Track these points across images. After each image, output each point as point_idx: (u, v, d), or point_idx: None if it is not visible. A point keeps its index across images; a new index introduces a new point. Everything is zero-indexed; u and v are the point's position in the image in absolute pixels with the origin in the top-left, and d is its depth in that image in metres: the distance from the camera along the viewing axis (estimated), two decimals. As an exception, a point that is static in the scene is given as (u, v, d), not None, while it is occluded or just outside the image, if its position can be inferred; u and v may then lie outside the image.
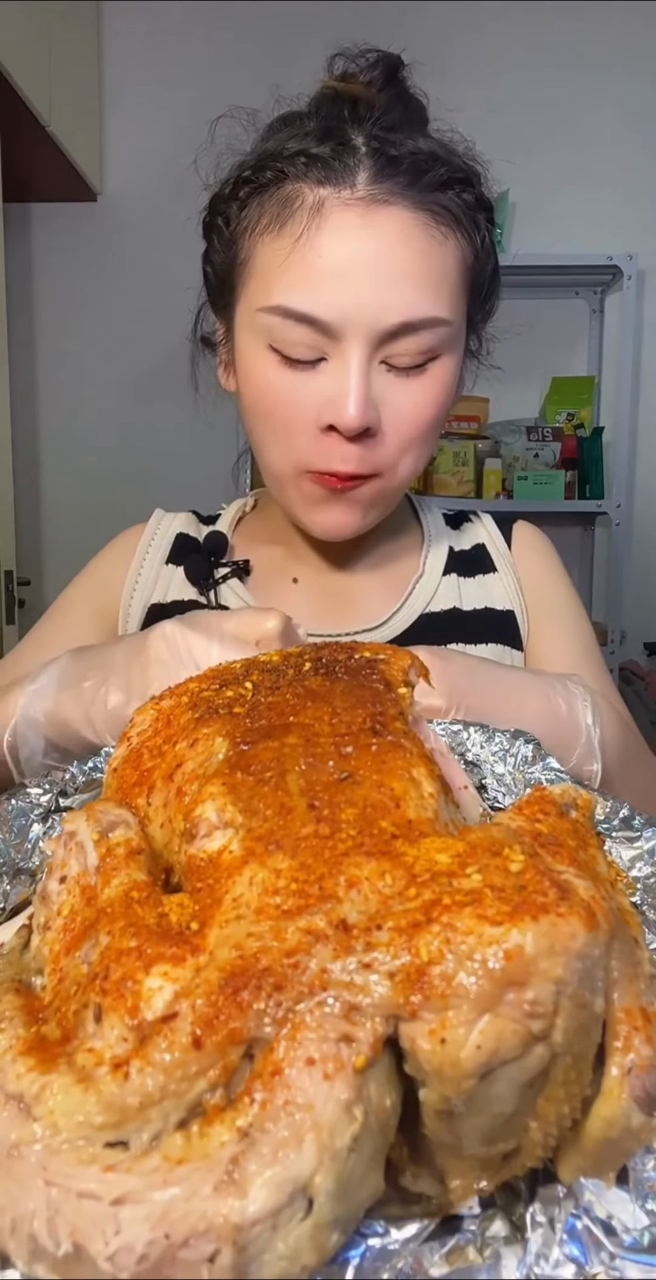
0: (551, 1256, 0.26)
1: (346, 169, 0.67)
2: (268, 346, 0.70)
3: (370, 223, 0.66)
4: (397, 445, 0.71)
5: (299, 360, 0.69)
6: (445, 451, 2.62)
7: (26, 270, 2.78)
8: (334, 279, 0.66)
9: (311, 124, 0.71)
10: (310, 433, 0.70)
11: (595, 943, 0.27)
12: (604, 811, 0.44)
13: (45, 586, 2.77)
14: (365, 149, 0.68)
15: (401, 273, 0.67)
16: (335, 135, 0.68)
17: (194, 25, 2.60)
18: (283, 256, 0.68)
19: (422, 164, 0.68)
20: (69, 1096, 0.25)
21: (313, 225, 0.67)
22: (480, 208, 0.72)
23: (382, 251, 0.66)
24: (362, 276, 0.66)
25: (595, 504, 2.62)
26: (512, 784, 0.48)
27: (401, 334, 0.68)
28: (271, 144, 0.71)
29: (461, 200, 0.70)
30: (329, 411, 0.68)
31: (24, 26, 2.10)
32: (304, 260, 0.67)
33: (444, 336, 0.70)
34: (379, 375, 0.69)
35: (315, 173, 0.68)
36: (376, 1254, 0.27)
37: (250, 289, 0.72)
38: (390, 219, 0.67)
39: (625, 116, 2.67)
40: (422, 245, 0.68)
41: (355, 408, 0.67)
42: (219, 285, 0.77)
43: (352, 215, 0.67)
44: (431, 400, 0.71)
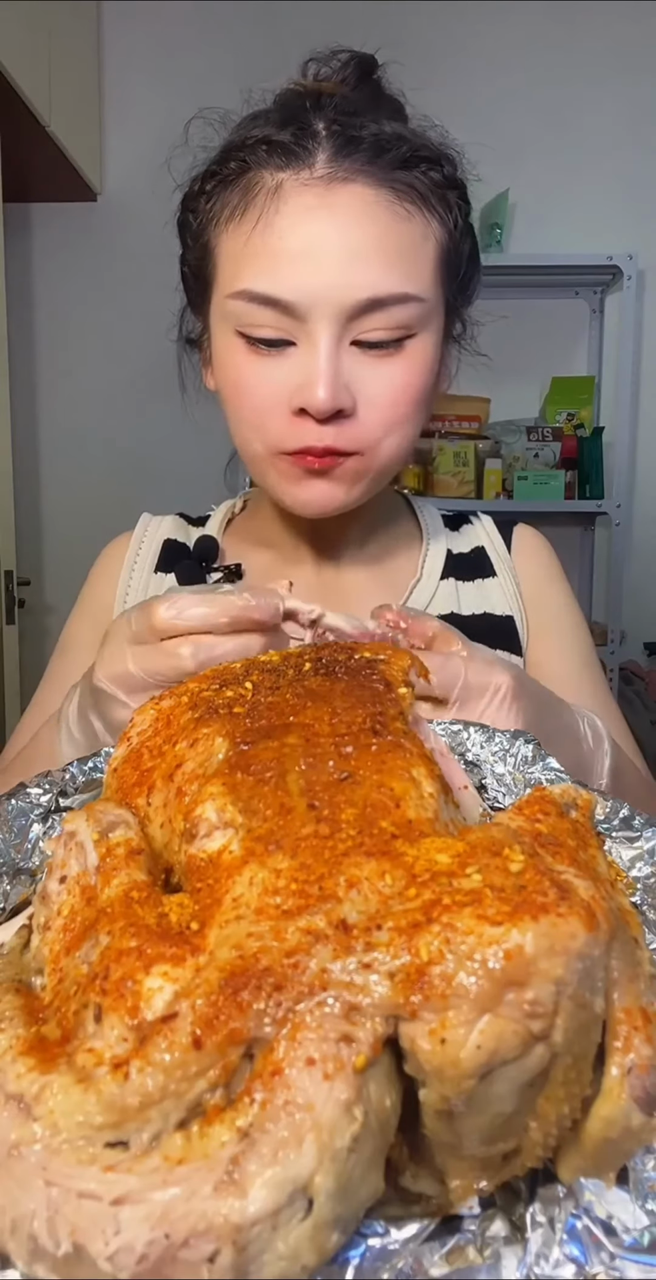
0: (551, 1256, 0.26)
1: (305, 151, 0.67)
2: (236, 333, 0.70)
3: (329, 201, 0.66)
4: (376, 425, 0.70)
5: (267, 343, 0.69)
6: (445, 452, 2.62)
7: (26, 270, 2.78)
8: (295, 260, 0.66)
9: (275, 115, 0.71)
10: (283, 416, 0.70)
11: (595, 943, 0.27)
12: (604, 811, 0.44)
13: (45, 586, 2.77)
14: (325, 132, 0.68)
15: (364, 249, 0.66)
16: (296, 121, 0.68)
17: (194, 25, 2.60)
18: (244, 241, 0.68)
19: (384, 142, 0.67)
20: (69, 1096, 0.25)
21: (272, 208, 0.67)
22: (450, 186, 0.71)
23: (344, 229, 0.66)
24: (324, 255, 0.66)
25: (595, 504, 2.62)
26: (512, 784, 0.48)
27: (369, 310, 0.67)
28: (235, 136, 0.72)
29: (428, 178, 0.69)
30: (299, 395, 0.68)
31: (24, 26, 2.10)
32: (265, 243, 0.67)
33: (416, 313, 0.69)
34: (350, 356, 0.68)
35: (276, 158, 0.68)
36: (376, 1254, 0.27)
37: (219, 278, 0.72)
38: (350, 196, 0.66)
39: (625, 117, 2.68)
40: (386, 221, 0.67)
41: (324, 389, 0.66)
42: (194, 282, 0.77)
43: (311, 195, 0.66)
44: (408, 378, 0.70)
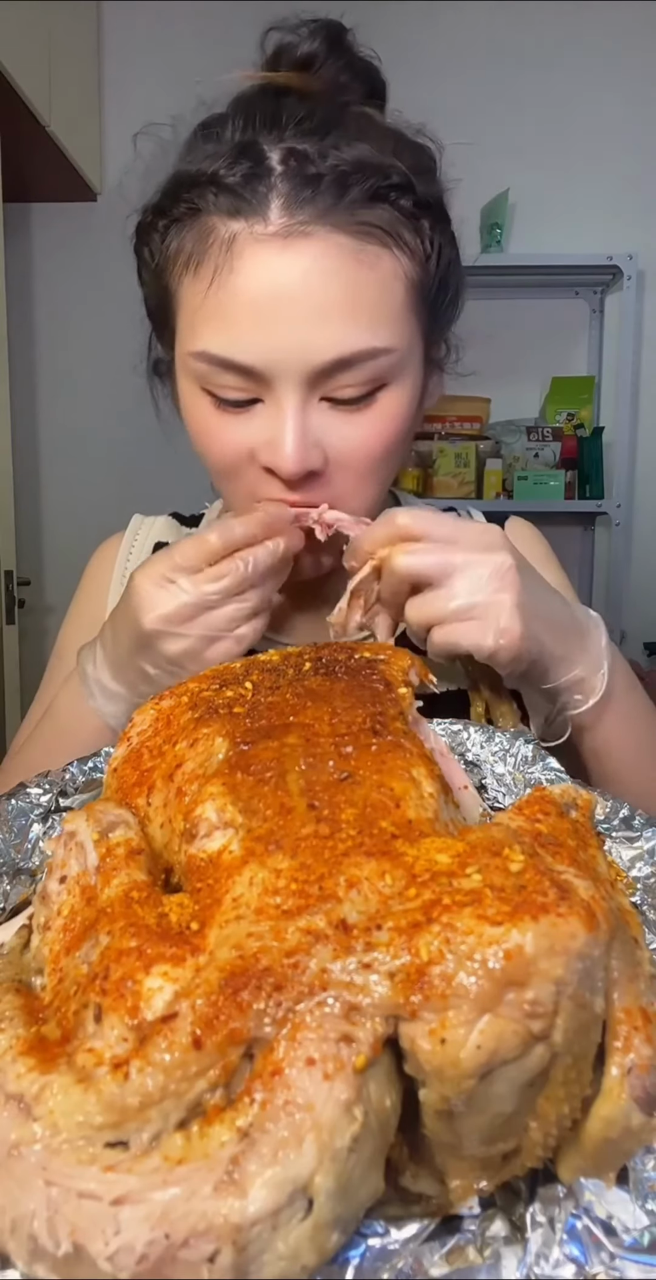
0: (551, 1256, 0.26)
1: (258, 198, 0.61)
2: (201, 389, 0.67)
3: (288, 258, 0.61)
4: (349, 480, 0.67)
5: (233, 402, 0.65)
6: (446, 453, 2.62)
7: (26, 270, 2.78)
8: (253, 322, 0.62)
9: (228, 133, 0.65)
10: (254, 470, 0.67)
11: (595, 943, 0.27)
12: (604, 811, 0.44)
13: (45, 586, 2.77)
14: (280, 168, 0.62)
15: (328, 307, 0.61)
16: (248, 154, 0.62)
17: (194, 25, 2.60)
18: (201, 299, 0.63)
19: (346, 179, 0.61)
20: (69, 1096, 0.25)
21: (226, 265, 0.62)
22: (422, 211, 0.65)
23: (305, 287, 0.61)
24: (285, 316, 0.61)
25: (595, 504, 2.62)
26: (512, 784, 0.48)
27: (337, 370, 0.63)
28: (186, 165, 0.65)
29: (397, 209, 0.64)
30: (267, 454, 0.65)
31: (24, 26, 2.10)
32: (220, 303, 0.62)
33: (387, 365, 0.64)
34: (320, 412, 0.65)
35: (225, 203, 0.62)
36: (376, 1254, 0.27)
37: (179, 330, 0.68)
38: (310, 250, 0.61)
39: (625, 117, 2.67)
40: (350, 273, 0.62)
41: (292, 454, 0.63)
42: (156, 316, 0.73)
43: (268, 251, 0.61)
44: (381, 432, 0.66)
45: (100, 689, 0.66)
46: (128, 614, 0.63)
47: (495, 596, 0.58)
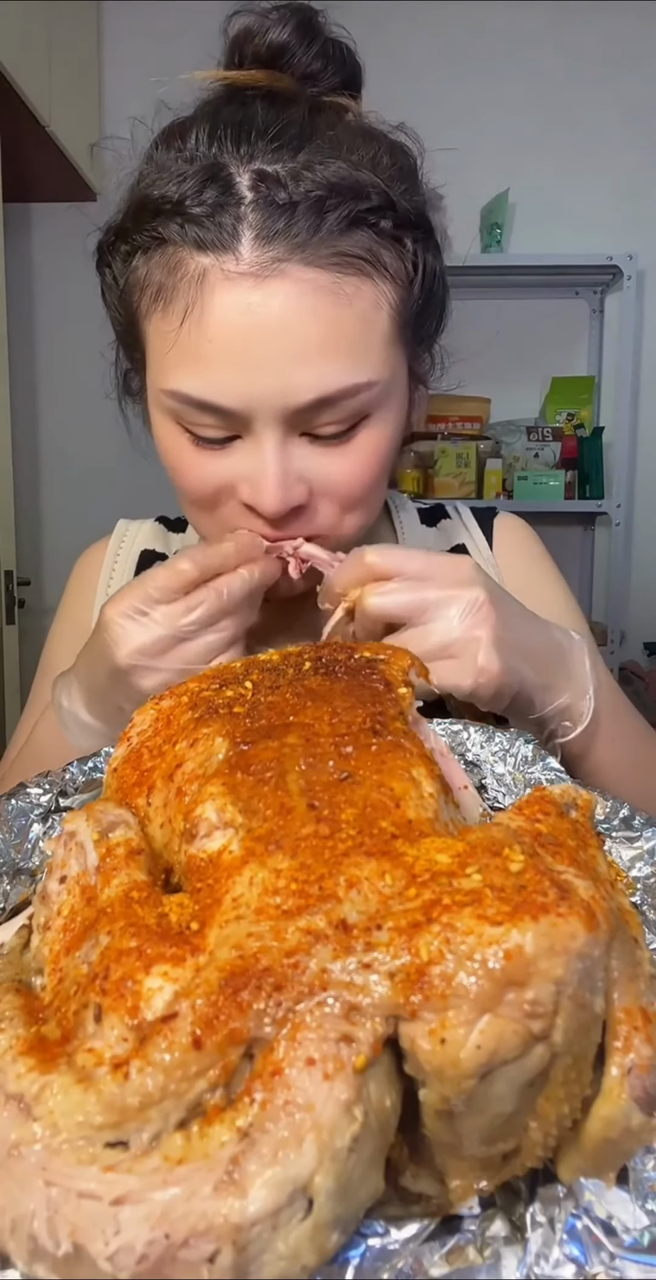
0: (551, 1256, 0.26)
1: (227, 231, 0.58)
2: (176, 424, 0.64)
3: (261, 297, 0.58)
4: (334, 512, 0.65)
5: (211, 440, 0.63)
6: (447, 454, 2.62)
7: (26, 270, 2.78)
8: (229, 364, 0.59)
9: (192, 146, 0.61)
10: (234, 506, 0.65)
11: (595, 943, 0.27)
12: (604, 811, 0.44)
13: (45, 586, 2.77)
14: (250, 195, 0.58)
15: (306, 347, 0.58)
16: (216, 180, 0.59)
17: (194, 26, 2.60)
18: (171, 339, 0.60)
19: (321, 206, 0.58)
20: (69, 1096, 0.25)
21: (197, 305, 0.59)
22: (403, 228, 0.62)
23: (280, 326, 0.58)
24: (262, 358, 0.58)
25: (595, 504, 2.62)
26: (512, 784, 0.48)
27: (317, 409, 0.60)
28: (151, 188, 0.61)
29: (377, 232, 0.60)
30: (248, 492, 0.63)
31: (24, 26, 2.10)
32: (192, 344, 0.59)
33: (369, 399, 0.62)
34: (301, 448, 0.62)
35: (193, 235, 0.59)
36: (376, 1254, 0.27)
37: (149, 364, 0.65)
38: (285, 289, 0.57)
39: (625, 116, 2.68)
40: (328, 310, 0.58)
41: (274, 493, 0.61)
42: (125, 336, 0.70)
43: (240, 291, 0.58)
44: (364, 464, 0.64)
45: (76, 723, 0.64)
46: (101, 649, 0.60)
47: (471, 633, 0.56)
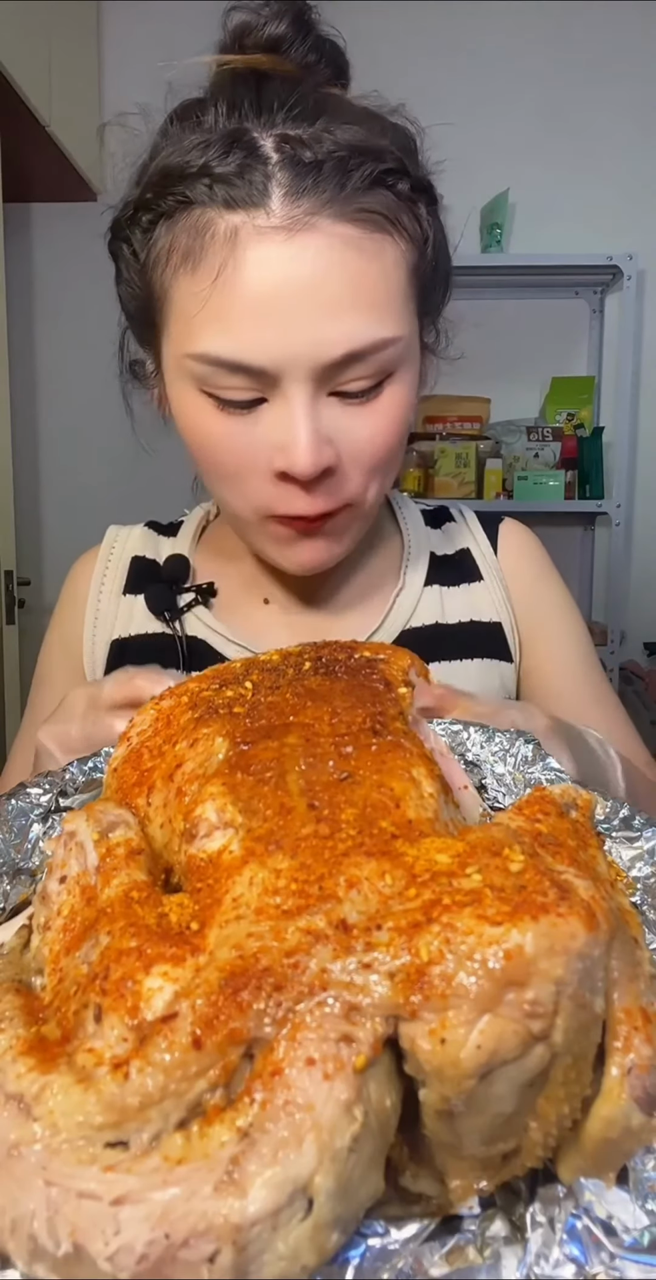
0: (551, 1256, 0.26)
1: (256, 189, 0.59)
2: (200, 391, 0.63)
3: (293, 251, 0.59)
4: (362, 476, 0.66)
5: (236, 403, 0.62)
6: (447, 454, 2.62)
7: (26, 270, 2.78)
8: (260, 320, 0.59)
9: (210, 120, 0.62)
10: (265, 477, 0.64)
11: (595, 943, 0.27)
12: (604, 811, 0.44)
13: (45, 586, 2.77)
14: (276, 156, 0.59)
15: (337, 300, 0.59)
16: (240, 143, 0.60)
17: (194, 26, 2.60)
18: (201, 299, 0.60)
19: (344, 165, 0.59)
20: (69, 1096, 0.25)
21: (230, 262, 0.59)
22: (417, 193, 0.64)
23: (312, 280, 0.59)
24: (293, 313, 0.59)
25: (595, 504, 2.62)
26: (512, 784, 0.48)
27: (347, 364, 0.61)
28: (170, 157, 0.62)
29: (395, 194, 0.62)
30: (281, 457, 0.62)
31: (24, 26, 2.10)
32: (225, 301, 0.60)
33: (395, 354, 0.63)
34: (329, 407, 0.63)
35: (222, 194, 0.59)
36: (376, 1254, 0.27)
37: (172, 330, 0.64)
38: (315, 243, 0.59)
39: (625, 116, 2.68)
40: (356, 263, 0.60)
41: (307, 454, 0.61)
42: (138, 317, 0.70)
43: (272, 246, 0.59)
44: (390, 423, 0.65)
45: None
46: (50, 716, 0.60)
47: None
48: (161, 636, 0.80)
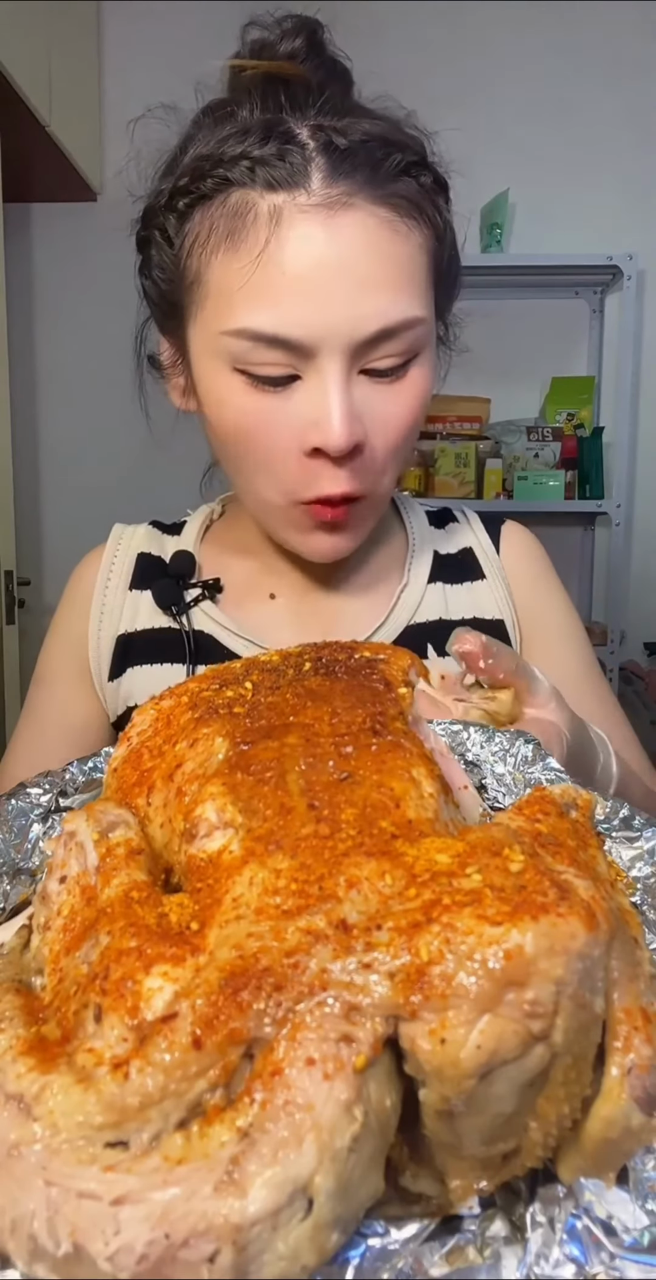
0: (551, 1256, 0.26)
1: (297, 170, 0.62)
2: (233, 369, 0.65)
3: (333, 229, 0.62)
4: (384, 457, 0.68)
5: (271, 380, 0.64)
6: (447, 453, 2.62)
7: (26, 270, 2.78)
8: (301, 295, 0.62)
9: (245, 115, 0.65)
10: (294, 457, 0.66)
11: (595, 943, 0.27)
12: (604, 811, 0.44)
13: (45, 586, 2.77)
14: (313, 143, 0.63)
15: (372, 278, 0.63)
16: (276, 131, 0.63)
17: (195, 25, 2.60)
18: (243, 275, 0.63)
19: (377, 153, 0.63)
20: (69, 1096, 0.25)
21: (273, 239, 0.62)
22: (438, 190, 0.68)
23: (350, 258, 0.62)
24: (332, 288, 0.62)
25: (595, 504, 2.62)
26: (512, 784, 0.48)
27: (379, 341, 0.64)
28: (207, 146, 0.65)
29: (420, 185, 0.66)
30: (314, 434, 0.64)
31: (24, 26, 2.10)
32: (267, 277, 0.62)
33: (421, 335, 0.66)
34: (359, 386, 0.65)
35: (263, 176, 0.62)
36: (376, 1254, 0.27)
37: (206, 310, 0.66)
38: (354, 222, 0.62)
39: (625, 117, 2.68)
40: (389, 244, 0.63)
41: (341, 428, 0.63)
42: (164, 305, 0.72)
43: (314, 224, 0.62)
44: (414, 402, 0.68)
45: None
46: None
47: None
48: (168, 631, 0.81)
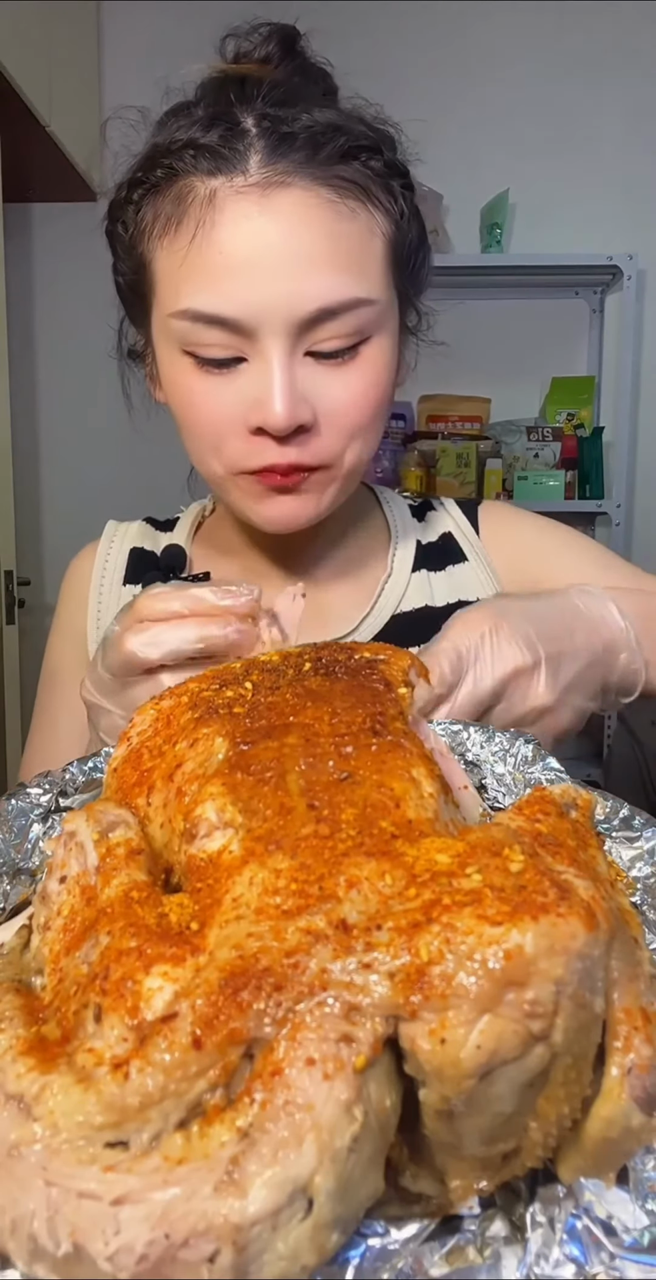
0: (551, 1256, 0.26)
1: (236, 154, 0.63)
2: (182, 351, 0.66)
3: (268, 208, 0.62)
4: (338, 437, 0.67)
5: (217, 361, 0.65)
6: (448, 453, 2.62)
7: (26, 270, 2.78)
8: (238, 274, 0.62)
9: (199, 112, 0.66)
10: (240, 435, 0.66)
11: (595, 943, 0.27)
12: (604, 811, 0.44)
13: (45, 586, 2.77)
14: (255, 129, 0.63)
15: (310, 256, 0.62)
16: (223, 120, 0.64)
17: (194, 26, 2.60)
18: (182, 257, 0.64)
19: (319, 136, 0.63)
20: (69, 1096, 0.25)
21: (207, 219, 0.63)
22: (393, 174, 0.68)
23: (287, 237, 0.62)
24: (268, 267, 0.62)
25: (595, 504, 2.62)
26: (512, 784, 0.48)
27: (321, 320, 0.63)
28: (160, 138, 0.67)
29: (369, 169, 0.65)
30: (256, 414, 0.64)
31: (24, 26, 2.10)
32: (203, 258, 0.63)
33: (369, 317, 0.65)
34: (305, 367, 0.65)
35: (205, 163, 0.63)
36: (376, 1254, 0.27)
37: (158, 295, 0.68)
38: (290, 201, 0.62)
39: (625, 117, 2.67)
40: (330, 224, 0.63)
41: (282, 407, 0.63)
42: (131, 295, 0.73)
43: (248, 203, 0.62)
44: (366, 386, 0.67)
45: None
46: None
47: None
48: None
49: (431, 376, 2.66)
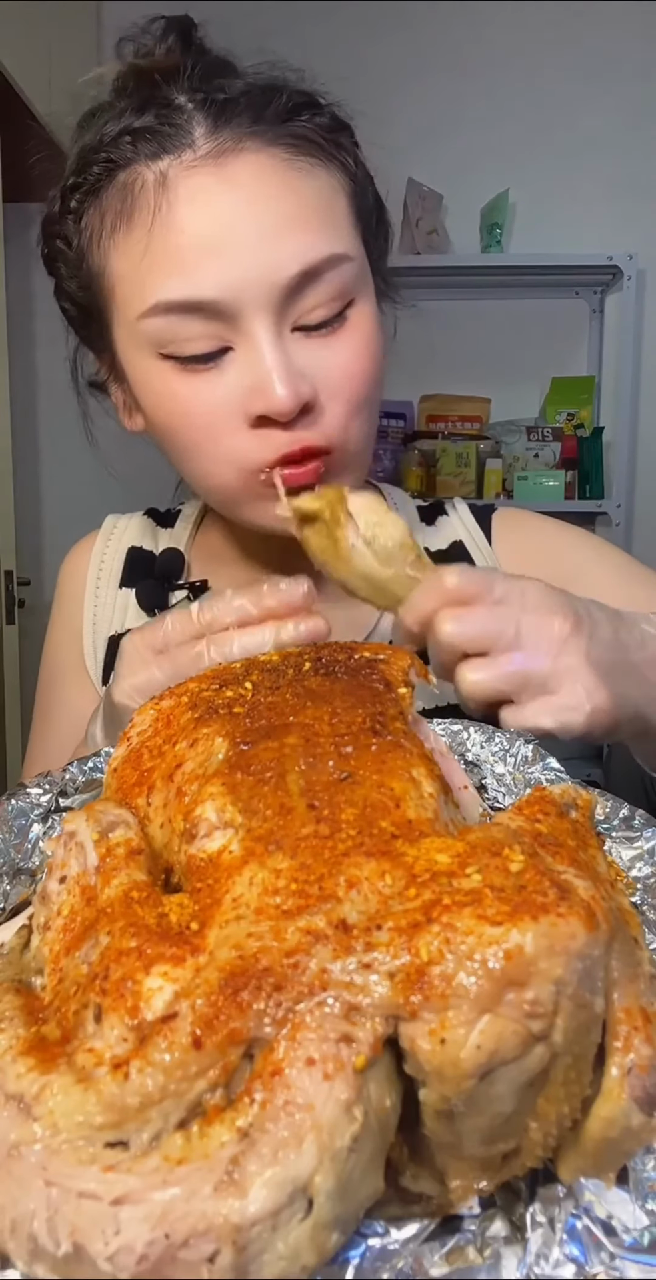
0: (551, 1256, 0.26)
1: (178, 130, 0.59)
2: (159, 356, 0.61)
3: (225, 178, 0.58)
4: (341, 411, 0.63)
5: (201, 357, 0.60)
6: (448, 453, 2.62)
7: (26, 270, 2.78)
8: (206, 252, 0.58)
9: (123, 103, 0.62)
10: (241, 430, 0.61)
11: (595, 943, 0.27)
12: (604, 811, 0.44)
13: (45, 586, 2.77)
14: (191, 104, 0.60)
15: (280, 219, 0.58)
16: (154, 102, 0.60)
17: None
18: (141, 251, 0.59)
19: (260, 97, 0.60)
20: (69, 1096, 0.25)
21: (162, 203, 0.58)
22: (337, 128, 0.65)
23: (251, 203, 0.58)
24: (238, 239, 0.58)
25: (595, 504, 2.62)
26: (512, 784, 0.48)
27: (303, 286, 0.59)
28: (87, 139, 0.63)
29: (315, 124, 0.62)
30: (256, 401, 0.59)
31: (24, 26, 2.10)
32: (166, 244, 0.58)
33: (351, 275, 0.62)
34: (296, 344, 0.61)
35: (146, 146, 0.59)
36: (376, 1254, 0.27)
37: (118, 303, 0.63)
38: (246, 166, 0.58)
39: (625, 117, 2.67)
40: (292, 182, 0.59)
41: (283, 387, 0.58)
42: (83, 317, 0.68)
43: (203, 176, 0.58)
44: (360, 351, 0.63)
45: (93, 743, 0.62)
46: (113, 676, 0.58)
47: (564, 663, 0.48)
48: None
49: (431, 376, 2.66)
